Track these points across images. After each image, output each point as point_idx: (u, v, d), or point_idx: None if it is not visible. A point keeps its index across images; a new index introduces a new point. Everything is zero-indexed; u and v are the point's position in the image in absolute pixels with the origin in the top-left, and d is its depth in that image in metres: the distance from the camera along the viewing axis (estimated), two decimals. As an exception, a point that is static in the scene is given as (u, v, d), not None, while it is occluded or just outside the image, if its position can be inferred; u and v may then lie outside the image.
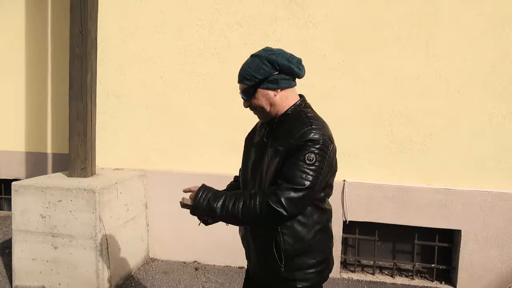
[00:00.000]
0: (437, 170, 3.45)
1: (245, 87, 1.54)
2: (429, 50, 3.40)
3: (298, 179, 1.36)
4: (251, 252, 1.65)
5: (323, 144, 1.41)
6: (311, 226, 1.50)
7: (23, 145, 4.74)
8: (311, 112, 1.56)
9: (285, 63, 1.50)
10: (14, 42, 4.61)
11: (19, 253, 3.07)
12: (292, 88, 1.59)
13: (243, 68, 1.55)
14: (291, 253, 1.49)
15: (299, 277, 1.51)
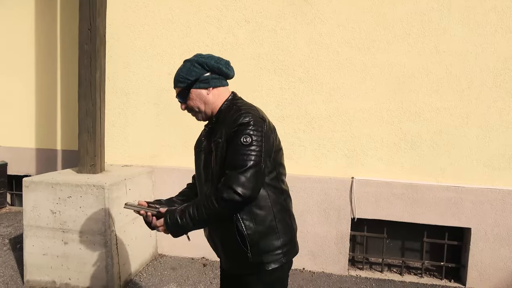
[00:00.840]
0: (447, 167, 3.42)
1: (179, 90, 1.65)
2: (439, 46, 3.36)
3: (241, 162, 1.43)
4: (218, 249, 1.68)
5: (255, 124, 1.49)
6: (270, 207, 1.56)
7: (33, 141, 4.79)
8: (242, 102, 1.66)
9: (214, 64, 1.62)
10: (24, 39, 4.66)
11: (30, 248, 3.11)
12: (224, 87, 1.70)
13: (177, 73, 1.66)
14: (255, 237, 1.53)
15: (267, 260, 1.55)
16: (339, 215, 3.53)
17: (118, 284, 3.09)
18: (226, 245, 1.62)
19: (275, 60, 3.64)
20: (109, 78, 3.92)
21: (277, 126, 3.62)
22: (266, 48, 3.65)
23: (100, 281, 3.02)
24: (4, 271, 3.34)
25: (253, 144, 1.45)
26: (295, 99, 3.63)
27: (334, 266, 3.57)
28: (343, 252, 3.55)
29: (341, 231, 3.54)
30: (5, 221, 4.55)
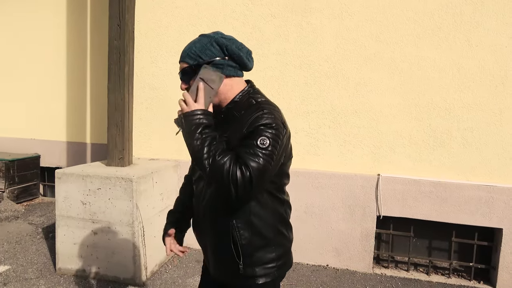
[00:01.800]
0: (478, 166, 3.31)
1: (185, 66, 1.38)
2: (472, 40, 3.25)
3: (249, 161, 1.21)
4: (209, 253, 1.52)
5: (277, 129, 1.28)
6: (268, 218, 1.42)
7: (64, 135, 4.96)
8: (262, 96, 1.41)
9: (235, 49, 1.37)
10: (56, 36, 4.81)
11: (61, 237, 3.23)
12: (239, 77, 1.44)
13: (188, 47, 1.40)
14: (249, 248, 1.40)
15: (260, 273, 1.42)
16: (364, 212, 3.49)
17: (144, 275, 3.17)
18: (217, 253, 1.47)
19: (301, 55, 3.62)
20: (137, 73, 4.00)
21: (301, 121, 3.61)
22: (291, 43, 3.63)
23: (127, 272, 3.11)
24: (38, 259, 3.48)
25: (269, 149, 1.24)
26: (321, 94, 3.59)
27: (359, 263, 3.54)
28: (368, 250, 3.51)
29: (366, 229, 3.50)
30: (38, 211, 4.75)
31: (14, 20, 4.98)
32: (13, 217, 4.51)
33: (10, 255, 3.54)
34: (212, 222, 1.45)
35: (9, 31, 5.02)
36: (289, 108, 3.64)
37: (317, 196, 3.58)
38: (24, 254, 3.57)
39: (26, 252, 3.61)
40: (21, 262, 3.40)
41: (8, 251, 3.62)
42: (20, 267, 3.31)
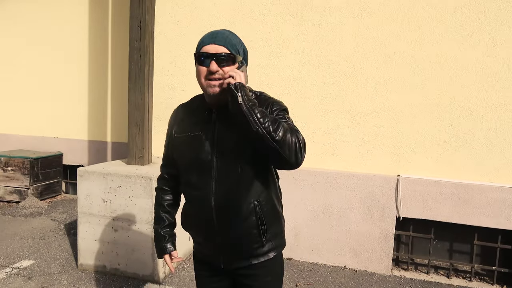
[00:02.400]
0: (501, 167, 3.22)
1: (226, 51, 1.38)
2: (496, 38, 3.16)
3: (298, 132, 1.38)
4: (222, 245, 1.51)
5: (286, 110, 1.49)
6: (277, 192, 1.57)
7: (86, 134, 5.07)
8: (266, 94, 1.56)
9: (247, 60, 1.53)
10: (78, 37, 4.92)
11: (83, 234, 3.30)
12: None
13: (225, 35, 1.42)
14: (269, 222, 1.49)
15: (275, 245, 1.53)
16: (383, 214, 3.44)
17: (163, 272, 3.21)
18: (238, 238, 1.48)
19: (319, 55, 3.59)
20: (157, 73, 4.05)
21: (320, 121, 3.59)
22: (310, 42, 3.61)
23: (146, 269, 3.16)
24: (60, 254, 3.58)
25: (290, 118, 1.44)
26: (339, 93, 3.56)
27: (377, 265, 3.49)
28: (386, 252, 3.46)
29: (385, 230, 3.45)
30: (61, 208, 4.87)
31: (37, 21, 5.12)
32: (37, 213, 4.65)
33: (34, 250, 3.64)
34: (233, 209, 1.45)
35: (33, 32, 5.16)
36: (307, 107, 3.62)
37: (335, 197, 3.55)
38: (47, 249, 3.67)
39: (49, 247, 3.71)
40: (45, 257, 3.50)
41: (32, 246, 3.73)
42: (43, 262, 3.41)
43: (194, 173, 1.48)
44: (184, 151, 1.52)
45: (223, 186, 1.44)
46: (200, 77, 1.41)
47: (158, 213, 1.71)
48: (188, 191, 1.54)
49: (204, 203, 1.46)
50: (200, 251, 1.64)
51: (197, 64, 1.42)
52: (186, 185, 1.54)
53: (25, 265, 3.32)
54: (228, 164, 1.44)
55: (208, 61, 1.37)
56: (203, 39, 1.44)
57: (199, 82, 1.42)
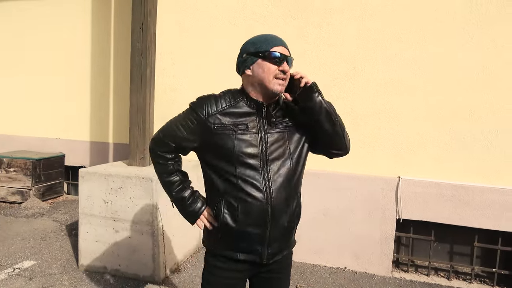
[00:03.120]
0: (502, 169, 3.22)
1: (291, 56, 1.57)
2: (497, 40, 3.16)
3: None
4: (273, 239, 1.56)
5: None
6: None
7: (88, 135, 5.09)
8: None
9: None
10: (80, 38, 4.95)
11: (84, 235, 3.32)
12: None
13: (282, 40, 1.59)
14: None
15: (294, 234, 1.71)
16: (384, 215, 3.45)
17: (164, 273, 3.22)
18: (286, 227, 1.58)
19: (321, 56, 3.60)
20: (158, 75, 4.06)
21: (321, 123, 3.59)
22: (311, 44, 3.62)
23: (147, 269, 3.17)
24: (62, 255, 3.59)
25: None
26: (340, 95, 3.57)
27: (377, 267, 3.49)
28: (387, 253, 3.46)
29: (386, 232, 3.45)
30: (62, 209, 4.89)
31: (39, 22, 5.15)
32: (38, 214, 4.67)
33: (35, 250, 3.66)
34: (286, 201, 1.56)
35: (35, 33, 5.19)
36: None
37: (336, 198, 3.55)
38: (49, 250, 3.69)
39: (50, 248, 3.73)
40: (46, 258, 3.51)
41: (34, 246, 3.75)
42: (45, 262, 3.42)
43: (244, 166, 1.50)
44: (233, 145, 1.50)
45: (277, 178, 1.53)
46: (268, 74, 1.49)
47: (180, 180, 1.68)
48: (240, 185, 1.50)
49: (260, 196, 1.50)
50: (239, 250, 1.57)
51: (266, 62, 1.49)
52: (237, 179, 1.50)
53: (26, 266, 3.34)
54: (279, 157, 1.54)
55: (280, 62, 1.49)
56: (272, 40, 1.54)
57: (263, 78, 1.49)
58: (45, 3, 5.08)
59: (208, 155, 1.57)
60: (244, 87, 1.60)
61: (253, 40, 1.58)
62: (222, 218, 1.53)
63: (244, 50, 1.59)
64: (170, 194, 1.68)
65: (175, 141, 1.62)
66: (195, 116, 1.56)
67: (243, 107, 1.55)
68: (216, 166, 1.54)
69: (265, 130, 1.54)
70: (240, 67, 1.60)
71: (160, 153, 1.65)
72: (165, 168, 1.66)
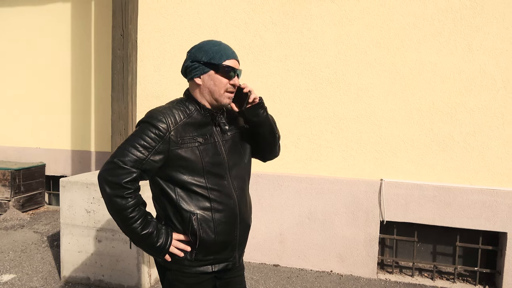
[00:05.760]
0: (480, 170, 3.30)
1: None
2: (472, 44, 3.26)
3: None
4: (240, 241, 1.60)
5: None
6: None
7: (69, 144, 5.01)
8: None
9: None
10: (60, 46, 4.88)
11: (66, 246, 3.25)
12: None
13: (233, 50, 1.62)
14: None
15: None
16: (368, 218, 3.49)
17: (148, 282, 3.18)
18: (250, 224, 1.68)
19: (302, 62, 3.64)
20: (140, 81, 4.04)
21: (304, 127, 3.63)
22: (293, 49, 3.66)
23: (131, 279, 3.12)
24: (43, 267, 3.51)
25: None
26: (322, 100, 3.61)
27: (363, 269, 3.53)
28: (371, 255, 3.50)
29: (370, 234, 3.49)
30: (44, 219, 4.78)
31: (18, 32, 5.06)
32: (18, 225, 4.55)
33: (15, 263, 3.56)
34: (247, 203, 1.66)
35: (13, 41, 5.09)
36: (291, 114, 3.66)
37: (320, 202, 3.58)
38: (30, 262, 3.59)
39: (31, 260, 3.64)
40: (26, 271, 3.42)
41: (13, 259, 3.65)
42: (25, 275, 3.34)
43: (212, 176, 1.51)
44: (200, 157, 1.48)
45: (238, 183, 1.59)
46: (219, 87, 1.52)
47: (144, 214, 1.47)
48: (213, 196, 1.50)
49: (231, 202, 1.54)
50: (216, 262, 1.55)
51: (217, 75, 1.51)
52: (209, 190, 1.49)
53: (5, 280, 3.24)
54: (236, 162, 1.60)
55: (232, 76, 1.53)
56: (225, 52, 1.53)
57: (214, 91, 1.52)
58: (25, 11, 5.00)
59: (172, 172, 1.47)
60: (191, 93, 1.57)
61: (205, 48, 1.53)
62: (202, 234, 1.47)
63: (195, 57, 1.53)
64: (133, 233, 1.44)
65: (138, 166, 1.41)
66: (156, 133, 1.43)
67: (198, 117, 1.52)
68: (183, 181, 1.47)
69: (221, 138, 1.57)
70: (189, 73, 1.56)
71: (121, 184, 1.39)
72: (127, 202, 1.41)
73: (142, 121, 1.48)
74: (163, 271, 1.59)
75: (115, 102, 3.55)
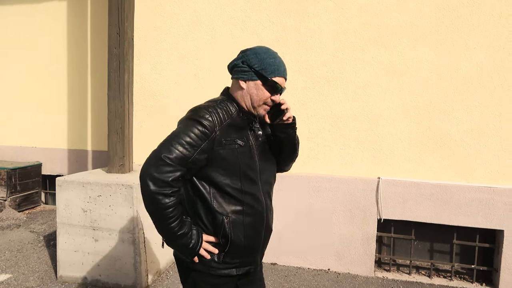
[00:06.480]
0: (478, 167, 3.31)
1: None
2: (470, 42, 3.26)
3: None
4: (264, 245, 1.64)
5: None
6: None
7: (66, 142, 4.97)
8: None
9: None
10: (56, 44, 4.85)
11: (62, 245, 3.23)
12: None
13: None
14: None
15: None
16: (365, 216, 3.49)
17: (145, 281, 3.16)
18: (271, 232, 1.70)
19: (299, 60, 3.63)
20: (137, 80, 4.02)
21: (301, 125, 3.62)
22: (290, 47, 3.65)
23: (128, 278, 3.11)
24: (39, 267, 3.49)
25: None
26: (320, 98, 3.60)
27: (360, 267, 3.53)
28: (369, 253, 3.50)
29: (367, 232, 3.49)
30: (40, 219, 4.75)
31: (14, 31, 5.02)
32: (14, 225, 4.52)
33: (11, 263, 3.54)
34: (271, 204, 1.67)
35: (9, 40, 5.06)
36: (289, 113, 3.64)
37: (318, 200, 3.58)
38: (26, 262, 3.57)
39: (27, 260, 3.62)
40: (23, 271, 3.40)
41: (9, 259, 3.62)
42: (21, 275, 3.32)
43: (247, 179, 1.51)
44: (238, 160, 1.48)
45: (266, 188, 1.61)
46: (260, 98, 1.52)
47: (181, 213, 1.45)
48: (246, 200, 1.51)
49: (260, 208, 1.56)
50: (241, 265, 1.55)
51: (263, 88, 1.51)
52: (244, 194, 1.50)
53: (1, 279, 3.22)
54: (266, 167, 1.61)
55: (276, 93, 1.53)
56: (278, 68, 1.52)
57: (254, 100, 1.52)
58: (20, 9, 4.96)
59: (211, 172, 1.45)
60: (232, 93, 1.58)
61: (261, 56, 1.51)
62: (233, 237, 1.48)
63: (248, 60, 1.51)
64: (170, 232, 1.43)
65: (184, 164, 1.38)
66: (203, 131, 1.41)
67: (237, 119, 1.53)
68: (220, 182, 1.46)
69: (255, 143, 1.57)
70: (235, 73, 1.56)
71: (168, 182, 1.36)
72: (170, 201, 1.37)
73: (187, 118, 1.47)
74: (187, 271, 1.58)
75: (112, 101, 3.52)
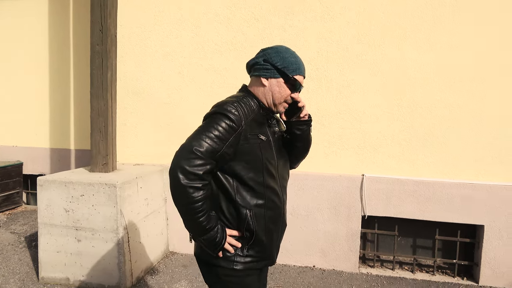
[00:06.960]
0: (459, 164, 3.37)
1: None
2: (452, 41, 3.31)
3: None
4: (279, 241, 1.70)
5: None
6: None
7: (48, 141, 4.88)
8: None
9: None
10: (38, 41, 4.74)
11: (44, 246, 3.17)
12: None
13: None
14: None
15: None
16: (350, 213, 3.52)
17: (130, 281, 3.13)
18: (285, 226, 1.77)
19: (284, 58, 3.63)
20: (120, 78, 3.96)
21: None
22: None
23: (112, 278, 3.07)
24: (20, 268, 3.41)
25: None
26: (305, 96, 3.61)
27: (345, 263, 3.56)
28: (353, 250, 3.54)
29: (352, 229, 3.53)
30: (21, 220, 4.65)
31: (-7, 26, 4.89)
32: (-5, 226, 4.42)
33: (-9, 265, 3.46)
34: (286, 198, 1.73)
35: (-11, 37, 4.93)
36: (274, 111, 3.65)
37: (303, 198, 3.59)
38: (6, 264, 3.49)
39: (8, 262, 3.54)
40: (3, 272, 3.33)
41: (-11, 261, 3.54)
42: (1, 277, 3.24)
43: (268, 174, 1.54)
44: (260, 154, 1.51)
45: (283, 183, 1.66)
46: (282, 96, 1.57)
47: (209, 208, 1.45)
48: (268, 195, 1.55)
49: (279, 202, 1.60)
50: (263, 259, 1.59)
51: (285, 85, 1.55)
52: (265, 188, 1.54)
53: (-19, 281, 3.15)
54: (282, 162, 1.66)
55: (296, 90, 1.58)
56: (299, 67, 1.57)
57: (276, 98, 1.57)
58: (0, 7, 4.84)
59: (236, 165, 1.48)
60: (252, 89, 1.61)
61: (283, 55, 1.55)
62: (257, 231, 1.51)
63: (270, 58, 1.55)
64: (198, 226, 1.41)
65: (213, 157, 1.39)
66: (230, 124, 1.42)
67: (259, 115, 1.56)
68: (244, 177, 1.49)
69: (272, 138, 1.60)
70: (256, 70, 1.59)
71: (200, 175, 1.36)
72: (200, 194, 1.37)
73: (214, 112, 1.46)
74: (209, 268, 1.56)
75: (94, 98, 3.46)
